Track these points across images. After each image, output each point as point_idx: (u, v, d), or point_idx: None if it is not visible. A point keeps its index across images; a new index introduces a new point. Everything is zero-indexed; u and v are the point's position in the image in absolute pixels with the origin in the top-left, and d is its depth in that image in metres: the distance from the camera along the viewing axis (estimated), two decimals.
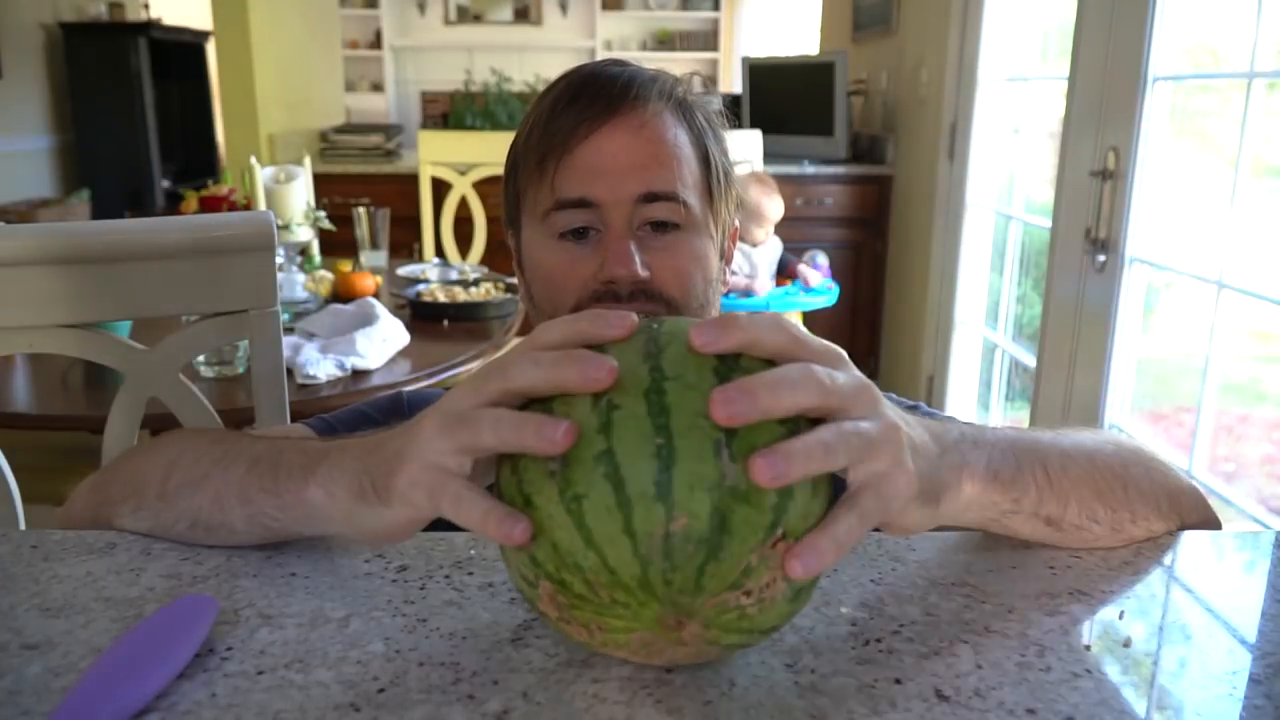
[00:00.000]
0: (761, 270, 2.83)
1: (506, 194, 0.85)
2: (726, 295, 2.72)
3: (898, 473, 0.45)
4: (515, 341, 2.72)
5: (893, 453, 0.45)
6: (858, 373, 0.46)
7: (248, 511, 0.57)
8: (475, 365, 1.75)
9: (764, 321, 0.44)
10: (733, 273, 0.90)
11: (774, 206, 2.78)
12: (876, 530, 0.46)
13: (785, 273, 2.95)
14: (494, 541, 0.44)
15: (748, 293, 2.78)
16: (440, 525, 0.48)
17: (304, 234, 2.17)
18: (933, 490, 0.49)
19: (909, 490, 0.46)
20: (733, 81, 6.66)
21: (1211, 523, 0.65)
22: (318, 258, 2.27)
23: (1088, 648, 0.50)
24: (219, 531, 0.60)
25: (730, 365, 0.43)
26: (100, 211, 4.72)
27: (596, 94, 0.77)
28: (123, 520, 0.63)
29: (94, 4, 5.29)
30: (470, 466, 0.46)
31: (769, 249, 2.88)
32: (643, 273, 0.75)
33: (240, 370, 1.53)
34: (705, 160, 0.80)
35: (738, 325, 0.44)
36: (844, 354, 0.47)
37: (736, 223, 0.88)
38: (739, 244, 2.38)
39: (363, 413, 0.83)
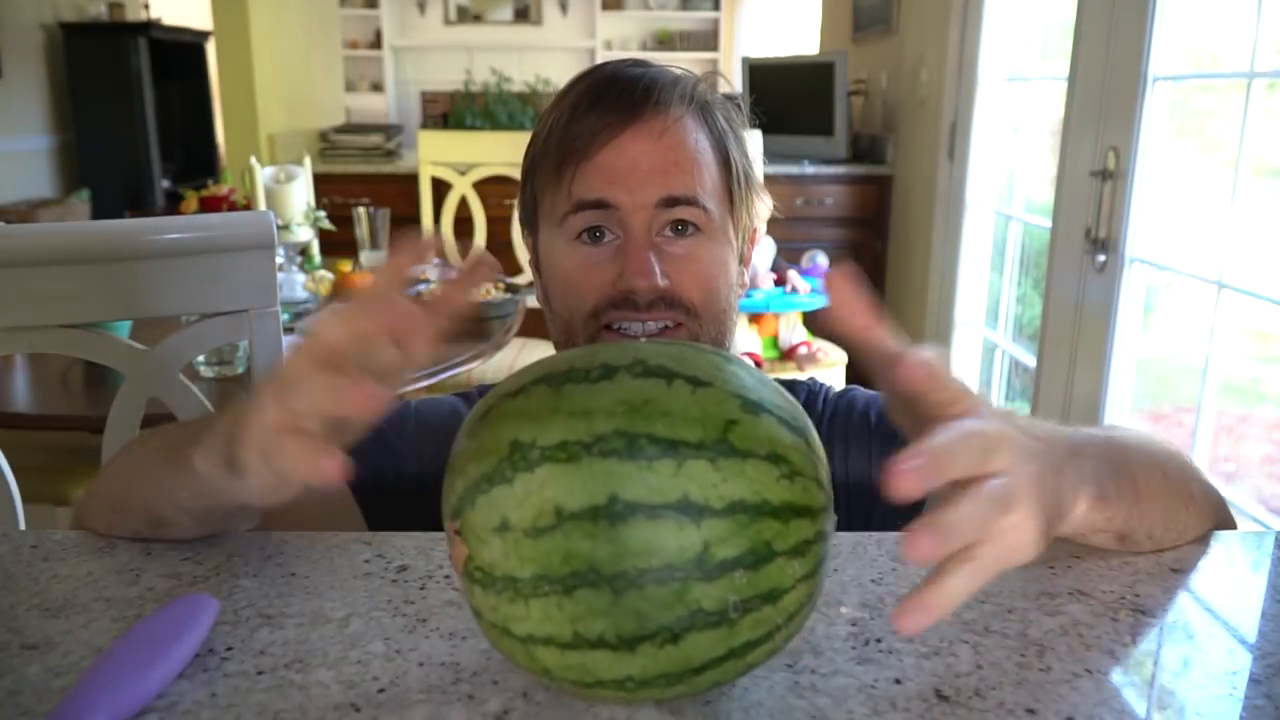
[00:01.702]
0: (760, 266, 2.84)
1: (523, 195, 0.84)
2: None
3: (1026, 526, 0.42)
4: (515, 342, 2.69)
5: (1024, 507, 0.42)
6: (985, 404, 0.43)
7: (170, 500, 0.58)
8: (475, 365, 1.75)
9: (953, 445, 0.40)
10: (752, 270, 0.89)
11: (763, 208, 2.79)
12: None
13: (777, 275, 2.95)
14: (317, 484, 0.44)
15: (751, 288, 2.79)
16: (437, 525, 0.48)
17: (304, 234, 2.17)
18: (1058, 517, 0.47)
19: (1031, 546, 0.43)
20: (733, 81, 6.65)
21: (1229, 523, 0.66)
22: (318, 258, 2.27)
23: (1088, 648, 0.50)
24: (170, 527, 0.61)
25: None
26: (100, 211, 4.72)
27: (617, 97, 0.76)
28: (109, 532, 0.64)
29: (94, 4, 5.28)
30: (316, 425, 0.45)
31: (763, 247, 2.88)
32: (662, 283, 0.75)
33: (240, 370, 1.53)
34: (726, 164, 0.80)
35: (938, 458, 0.39)
36: (970, 389, 0.44)
37: (757, 224, 0.87)
38: None
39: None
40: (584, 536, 0.38)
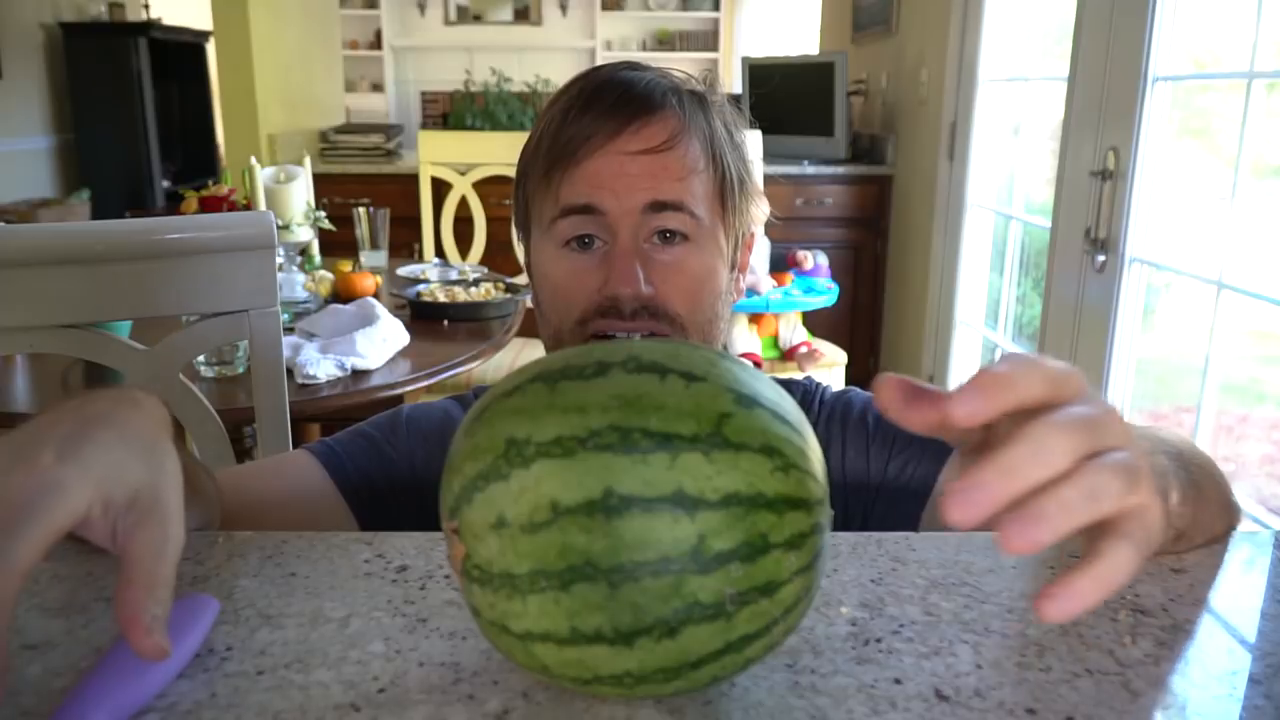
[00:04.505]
0: (758, 268, 2.84)
1: (516, 199, 0.84)
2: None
3: (1154, 509, 0.38)
4: (515, 342, 2.68)
5: (1148, 488, 0.38)
6: (1090, 387, 0.39)
7: None
8: (475, 365, 1.75)
9: (1021, 372, 0.37)
10: (752, 273, 0.90)
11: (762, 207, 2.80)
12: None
13: (784, 265, 2.95)
14: None
15: (752, 290, 2.78)
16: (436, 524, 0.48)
17: (304, 234, 2.17)
18: (1164, 505, 0.45)
19: (1161, 532, 0.39)
20: (733, 81, 6.66)
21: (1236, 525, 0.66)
22: (318, 258, 2.27)
23: (1088, 648, 0.50)
24: None
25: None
26: (100, 211, 4.72)
27: (609, 102, 0.76)
28: None
29: (94, 4, 5.29)
30: None
31: (759, 249, 2.89)
32: (646, 290, 0.75)
33: (240, 370, 1.53)
34: (719, 169, 0.79)
35: (1001, 386, 0.36)
36: (1076, 371, 0.40)
37: (753, 229, 0.87)
38: None
39: (363, 432, 0.82)
40: (580, 530, 0.38)
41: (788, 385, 0.89)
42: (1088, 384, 0.40)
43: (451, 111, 6.00)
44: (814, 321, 3.21)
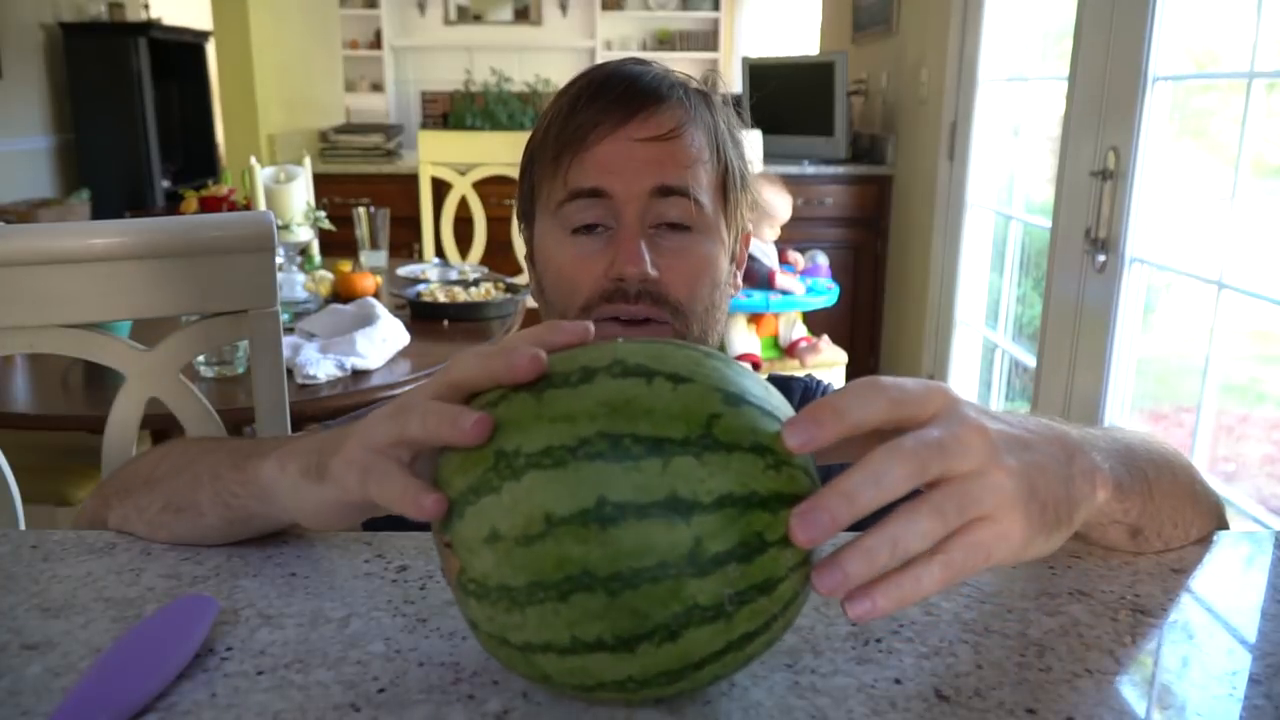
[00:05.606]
0: (772, 266, 2.85)
1: (521, 188, 0.85)
2: (752, 287, 2.74)
3: (1005, 522, 0.42)
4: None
5: (998, 504, 0.41)
6: (955, 405, 0.42)
7: (215, 488, 0.59)
8: None
9: (856, 399, 0.41)
10: (760, 261, 0.90)
11: (785, 206, 2.80)
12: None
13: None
14: (415, 518, 0.43)
15: (769, 282, 2.78)
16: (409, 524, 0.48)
17: (304, 234, 2.17)
18: (1067, 508, 0.46)
19: (1017, 541, 0.42)
20: (733, 81, 6.66)
21: (1225, 525, 0.66)
22: (318, 258, 2.27)
23: (1088, 648, 0.50)
24: (186, 513, 0.60)
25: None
26: (100, 211, 4.71)
27: (617, 93, 0.77)
28: (112, 512, 0.64)
29: (94, 4, 5.28)
30: (409, 457, 0.46)
31: (768, 248, 2.89)
32: (652, 272, 0.76)
33: (240, 370, 1.53)
34: (721, 163, 0.80)
35: (833, 414, 0.40)
36: (944, 389, 0.43)
37: (750, 226, 0.88)
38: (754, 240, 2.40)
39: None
40: (575, 541, 0.38)
41: (788, 384, 0.89)
42: (954, 401, 0.43)
43: (451, 111, 6.00)
44: (814, 321, 3.21)
